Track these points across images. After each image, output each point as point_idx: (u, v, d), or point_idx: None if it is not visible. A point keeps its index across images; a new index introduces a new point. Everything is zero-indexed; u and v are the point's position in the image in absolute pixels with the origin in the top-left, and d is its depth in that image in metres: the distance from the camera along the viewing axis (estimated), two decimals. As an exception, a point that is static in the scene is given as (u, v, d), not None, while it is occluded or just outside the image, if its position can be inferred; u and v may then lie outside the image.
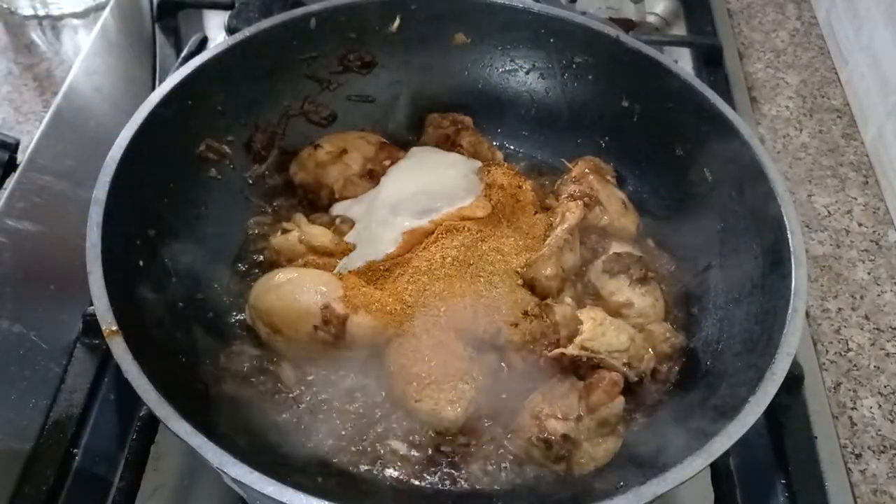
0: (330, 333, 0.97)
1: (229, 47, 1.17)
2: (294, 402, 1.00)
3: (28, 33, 1.64)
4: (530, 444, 0.94)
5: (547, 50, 1.30)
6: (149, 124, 1.04)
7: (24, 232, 1.24)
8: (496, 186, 1.15)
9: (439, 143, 1.23)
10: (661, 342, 1.03)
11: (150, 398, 0.79)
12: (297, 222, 1.13)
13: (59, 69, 1.57)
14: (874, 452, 1.12)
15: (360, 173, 1.18)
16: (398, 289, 1.02)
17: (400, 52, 1.31)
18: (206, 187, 1.15)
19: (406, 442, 0.97)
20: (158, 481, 1.01)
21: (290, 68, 1.26)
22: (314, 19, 1.24)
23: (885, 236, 1.39)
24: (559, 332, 0.99)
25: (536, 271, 1.05)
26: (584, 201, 1.13)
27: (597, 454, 0.94)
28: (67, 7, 1.67)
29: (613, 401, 0.93)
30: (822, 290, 1.31)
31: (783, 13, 1.85)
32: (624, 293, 1.09)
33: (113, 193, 0.96)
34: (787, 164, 1.52)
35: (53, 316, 1.14)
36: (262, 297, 1.01)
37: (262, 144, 1.22)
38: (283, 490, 0.74)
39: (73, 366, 1.08)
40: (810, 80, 1.69)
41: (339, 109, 1.30)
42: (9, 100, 1.51)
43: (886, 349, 1.24)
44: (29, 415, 1.03)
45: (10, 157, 1.10)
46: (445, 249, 1.05)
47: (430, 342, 0.98)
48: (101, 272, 0.87)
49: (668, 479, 0.78)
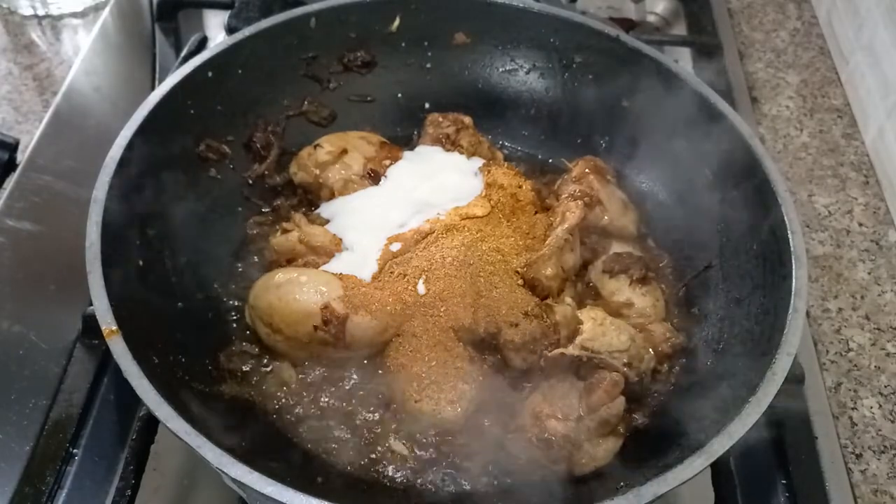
0: (330, 333, 0.97)
1: (229, 47, 1.17)
2: (294, 402, 1.00)
3: (28, 33, 1.64)
4: (530, 444, 0.93)
5: (547, 50, 1.30)
6: (149, 124, 1.04)
7: (23, 232, 1.24)
8: (496, 186, 1.15)
9: (439, 142, 1.23)
10: (662, 342, 1.03)
11: (149, 398, 0.79)
12: (297, 222, 1.13)
13: (58, 69, 1.57)
14: (874, 452, 1.12)
15: (360, 173, 1.18)
16: (398, 289, 1.02)
17: (400, 52, 1.31)
18: (206, 187, 1.15)
19: (406, 442, 0.97)
20: (158, 481, 1.01)
21: (290, 68, 1.26)
22: (314, 19, 1.24)
23: (885, 236, 1.39)
24: (559, 332, 0.99)
25: (536, 271, 1.04)
26: (584, 201, 1.13)
27: (597, 454, 0.94)
28: (67, 7, 1.67)
29: (614, 401, 0.93)
30: (822, 290, 1.31)
31: (783, 13, 1.85)
32: (624, 293, 1.09)
33: (113, 193, 0.96)
34: (788, 163, 1.52)
35: (53, 316, 1.14)
36: (262, 296, 1.01)
37: (262, 144, 1.22)
38: (283, 490, 0.74)
39: (72, 366, 1.08)
40: (811, 80, 1.69)
41: (339, 109, 1.30)
42: (9, 100, 1.51)
43: (887, 349, 1.24)
44: (29, 415, 1.04)
45: (9, 157, 1.10)
46: (445, 249, 1.04)
47: (430, 342, 0.98)
48: (101, 272, 0.87)
49: (669, 479, 0.78)
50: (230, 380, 1.00)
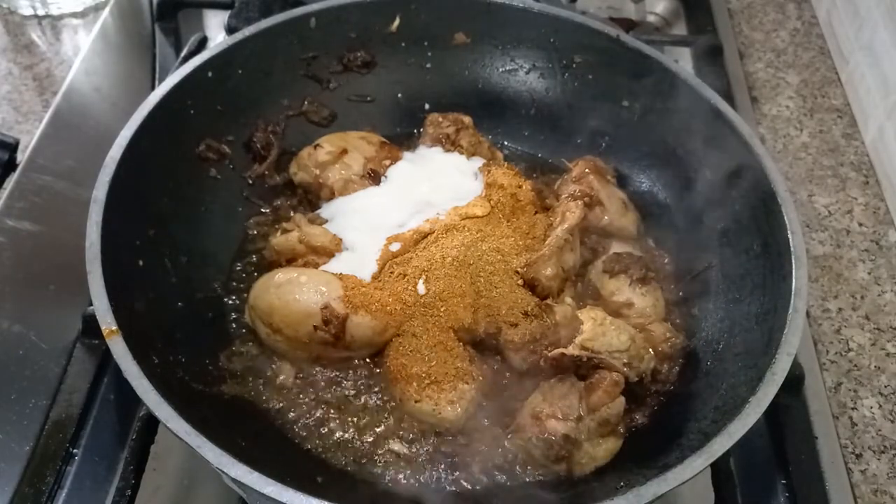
0: (330, 333, 0.97)
1: (229, 47, 1.17)
2: (294, 402, 1.00)
3: (28, 33, 1.64)
4: (530, 444, 0.93)
5: (547, 49, 1.30)
6: (148, 124, 1.04)
7: (24, 232, 1.24)
8: (496, 186, 1.15)
9: (439, 142, 1.23)
10: (662, 342, 1.03)
11: (149, 398, 0.79)
12: (297, 222, 1.13)
13: (58, 69, 1.57)
14: (874, 452, 1.12)
15: (360, 173, 1.18)
16: (398, 289, 1.02)
17: (400, 52, 1.31)
18: (206, 187, 1.15)
19: (406, 442, 0.97)
20: (158, 481, 1.01)
21: (290, 68, 1.26)
22: (314, 19, 1.24)
23: (885, 236, 1.39)
24: (559, 332, 0.99)
25: (536, 271, 1.04)
26: (584, 201, 1.13)
27: (597, 454, 0.94)
28: (67, 7, 1.67)
29: (614, 401, 0.93)
30: (822, 290, 1.31)
31: (783, 13, 1.85)
32: (624, 293, 1.09)
33: (113, 193, 0.96)
34: (788, 163, 1.52)
35: (53, 316, 1.14)
36: (262, 296, 1.01)
37: (262, 144, 1.22)
38: (283, 490, 0.74)
39: (72, 366, 1.08)
40: (811, 80, 1.69)
41: (339, 109, 1.30)
42: (9, 100, 1.51)
43: (887, 349, 1.23)
44: (29, 415, 1.04)
45: (9, 157, 1.10)
46: (445, 249, 1.04)
47: (430, 342, 0.98)
48: (101, 272, 0.87)
49: (669, 479, 0.78)
50: (230, 380, 1.00)
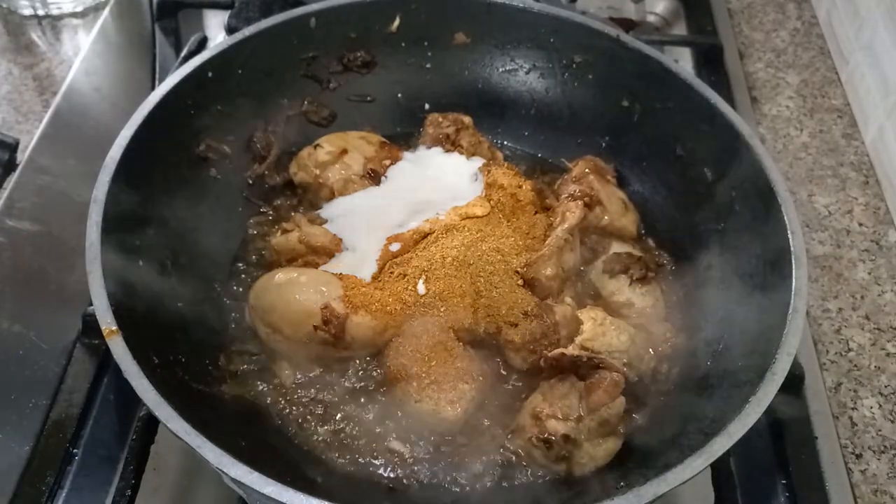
0: (330, 333, 0.97)
1: (229, 47, 1.17)
2: (294, 401, 1.00)
3: (28, 33, 1.64)
4: (530, 444, 0.93)
5: (547, 49, 1.30)
6: (149, 124, 1.04)
7: (24, 232, 1.24)
8: (496, 186, 1.15)
9: (439, 142, 1.23)
10: (662, 342, 1.03)
11: (149, 398, 0.79)
12: (297, 222, 1.13)
13: (58, 69, 1.57)
14: (875, 452, 1.12)
15: (360, 173, 1.18)
16: (398, 289, 1.02)
17: (400, 52, 1.31)
18: (206, 187, 1.15)
19: (406, 442, 0.97)
20: (158, 481, 1.01)
21: (290, 68, 1.26)
22: (314, 19, 1.24)
23: (885, 236, 1.39)
24: (559, 332, 0.99)
25: (536, 271, 1.04)
26: (584, 201, 1.13)
27: (597, 454, 0.93)
28: (67, 7, 1.67)
29: (614, 401, 0.93)
30: (822, 290, 1.31)
31: (783, 13, 1.85)
32: (624, 293, 1.09)
33: (113, 193, 0.96)
34: (788, 163, 1.52)
35: (53, 316, 1.14)
36: (262, 296, 1.01)
37: (262, 144, 1.22)
38: (283, 490, 0.74)
39: (72, 366, 1.08)
40: (811, 80, 1.69)
41: (339, 109, 1.30)
42: (9, 100, 1.51)
43: (887, 349, 1.23)
44: (29, 415, 1.03)
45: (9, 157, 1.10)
46: (445, 249, 1.04)
47: (430, 342, 0.98)
48: (101, 272, 0.88)
49: (669, 479, 0.78)
50: (230, 380, 1.00)
